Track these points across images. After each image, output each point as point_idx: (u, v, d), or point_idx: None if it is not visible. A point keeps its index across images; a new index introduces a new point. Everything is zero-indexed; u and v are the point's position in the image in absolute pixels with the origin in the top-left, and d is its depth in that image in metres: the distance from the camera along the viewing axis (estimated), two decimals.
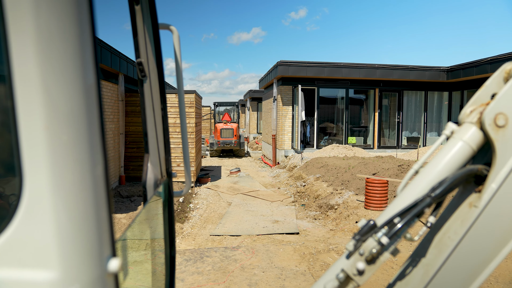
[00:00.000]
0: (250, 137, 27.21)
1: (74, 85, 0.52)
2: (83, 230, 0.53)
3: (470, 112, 0.99)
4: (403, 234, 0.89)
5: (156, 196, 1.33)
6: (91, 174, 0.54)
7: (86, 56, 0.54)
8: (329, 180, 8.56)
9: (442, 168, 0.94)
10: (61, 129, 0.50)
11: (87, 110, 0.54)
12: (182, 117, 1.39)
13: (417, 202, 0.88)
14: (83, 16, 0.53)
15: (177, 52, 1.36)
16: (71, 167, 0.51)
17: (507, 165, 0.91)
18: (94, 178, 0.55)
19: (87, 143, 0.54)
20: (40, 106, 0.48)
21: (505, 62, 0.99)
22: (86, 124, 0.54)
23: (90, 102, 0.54)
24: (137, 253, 1.42)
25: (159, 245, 1.41)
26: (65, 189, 0.51)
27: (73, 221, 0.51)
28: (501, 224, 0.92)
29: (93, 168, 0.55)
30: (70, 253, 0.51)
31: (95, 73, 0.56)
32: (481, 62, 11.68)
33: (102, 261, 0.55)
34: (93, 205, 0.55)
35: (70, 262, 0.51)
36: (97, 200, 0.55)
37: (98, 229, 0.55)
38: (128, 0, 1.24)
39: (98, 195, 0.56)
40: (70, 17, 0.51)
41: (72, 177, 0.51)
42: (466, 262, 0.94)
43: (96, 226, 0.55)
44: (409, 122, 14.52)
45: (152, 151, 1.38)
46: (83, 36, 0.53)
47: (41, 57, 0.48)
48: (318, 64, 12.98)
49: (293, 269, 4.22)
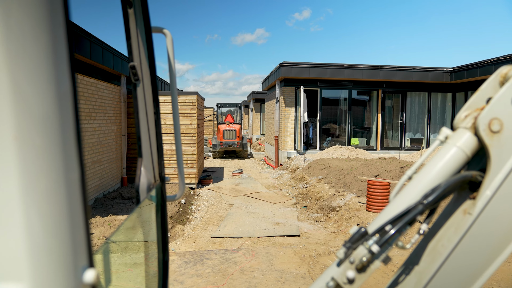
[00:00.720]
0: (253, 138, 27.20)
1: (48, 88, 0.50)
2: (56, 239, 0.51)
3: (465, 117, 0.97)
4: (395, 242, 0.87)
5: (148, 201, 1.32)
6: (65, 180, 0.53)
7: (61, 57, 0.52)
8: (331, 182, 8.52)
9: (435, 174, 0.92)
10: (33, 133, 0.49)
11: (61, 113, 0.52)
12: (175, 120, 1.39)
13: (409, 209, 0.87)
14: (58, 16, 0.51)
15: (170, 55, 1.36)
16: (43, 173, 0.50)
17: (502, 172, 0.88)
18: (69, 185, 0.53)
19: (61, 148, 0.52)
20: (10, 109, 0.47)
21: (510, 64, 0.97)
22: (60, 128, 0.52)
23: (65, 105, 0.53)
24: (130, 258, 1.41)
25: (152, 250, 1.39)
26: (37, 196, 0.49)
27: (45, 230, 0.50)
28: (496, 231, 0.90)
29: (67, 174, 0.53)
30: (41, 264, 0.49)
31: (70, 75, 0.54)
32: (485, 63, 11.59)
33: (77, 272, 0.54)
34: (67, 213, 0.53)
35: (41, 273, 0.49)
36: (72, 208, 0.54)
37: (73, 238, 0.54)
38: (121, 4, 1.23)
39: (73, 202, 0.54)
40: (44, 16, 0.49)
41: (44, 183, 0.50)
42: (459, 271, 0.92)
43: (70, 235, 0.53)
44: (412, 123, 14.45)
45: (146, 155, 1.38)
46: (58, 37, 0.51)
47: (12, 58, 0.46)
48: (321, 65, 12.95)
49: (293, 272, 4.20)
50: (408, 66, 13.39)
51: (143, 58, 1.33)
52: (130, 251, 1.42)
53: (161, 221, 1.36)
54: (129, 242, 1.36)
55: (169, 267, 4.32)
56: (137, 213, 1.31)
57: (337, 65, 13.02)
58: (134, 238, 1.36)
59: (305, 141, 13.44)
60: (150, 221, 1.36)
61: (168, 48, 1.35)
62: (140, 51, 1.31)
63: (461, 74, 13.00)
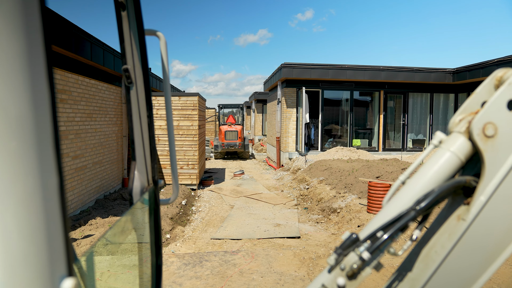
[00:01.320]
0: (255, 139, 27.19)
1: (23, 87, 0.48)
2: (32, 246, 0.50)
3: (459, 121, 0.95)
4: (386, 249, 0.86)
5: (141, 204, 1.31)
6: (42, 185, 0.51)
7: (36, 54, 0.50)
8: (332, 183, 8.49)
9: (428, 179, 0.91)
10: (8, 135, 0.47)
11: (37, 114, 0.50)
12: (169, 123, 1.38)
13: (401, 216, 0.85)
14: (32, 8, 0.50)
15: (164, 58, 1.36)
16: (19, 177, 0.49)
17: (496, 177, 0.87)
18: (46, 189, 0.52)
19: (38, 151, 0.51)
20: None
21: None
22: (36, 130, 0.50)
23: (42, 105, 0.51)
24: (123, 262, 1.40)
25: (145, 254, 1.38)
26: (12, 201, 0.48)
27: (21, 237, 0.48)
28: (490, 238, 0.88)
29: (44, 178, 0.52)
30: (16, 273, 0.48)
31: (47, 73, 0.52)
32: (487, 64, 11.53)
33: (54, 281, 0.53)
34: (44, 219, 0.51)
35: (16, 282, 0.48)
36: (49, 213, 0.52)
37: (50, 246, 0.52)
38: (115, 6, 1.23)
39: (51, 208, 0.52)
40: (16, 9, 0.48)
41: (20, 188, 0.49)
42: (453, 278, 0.90)
43: (48, 242, 0.52)
44: (414, 124, 14.39)
45: (139, 159, 1.37)
46: (33, 32, 0.50)
47: None
48: (323, 66, 12.92)
49: (292, 274, 4.17)
50: (410, 66, 13.35)
51: (136, 61, 1.32)
52: (124, 255, 1.41)
53: (155, 225, 1.35)
54: (122, 246, 1.35)
55: (168, 269, 4.31)
56: (131, 216, 1.31)
57: (338, 66, 12.99)
58: (127, 242, 1.35)
59: (307, 142, 13.41)
60: (143, 225, 1.36)
61: (162, 50, 1.35)
62: (133, 54, 1.30)
63: (463, 75, 12.95)
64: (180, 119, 9.47)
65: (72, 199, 6.36)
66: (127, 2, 1.23)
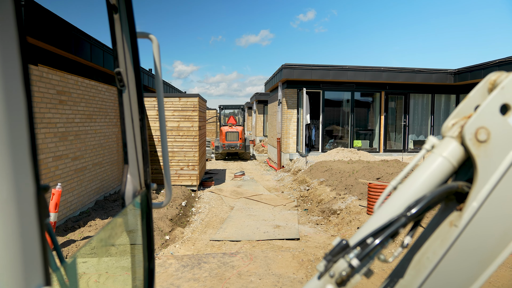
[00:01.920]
0: (257, 140, 27.18)
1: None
2: (6, 255, 0.48)
3: (452, 125, 0.94)
4: (377, 255, 0.84)
5: (133, 208, 1.30)
6: (17, 190, 0.49)
7: (9, 51, 0.49)
8: (332, 185, 8.47)
9: (420, 185, 0.89)
10: None
11: (10, 115, 0.48)
12: (161, 124, 1.37)
13: (392, 222, 0.84)
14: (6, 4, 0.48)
15: (156, 60, 1.35)
16: None
17: (489, 183, 0.85)
18: (21, 195, 0.50)
19: (12, 154, 0.49)
20: None
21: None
22: (10, 132, 0.49)
23: (16, 106, 0.49)
24: (114, 266, 1.39)
25: (137, 258, 1.37)
26: None
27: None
28: (483, 245, 0.87)
29: (19, 183, 0.50)
30: None
31: (22, 71, 0.50)
32: (489, 65, 11.49)
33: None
34: (19, 226, 0.50)
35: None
36: (25, 220, 0.50)
37: (25, 254, 0.51)
38: (107, 9, 1.22)
39: (26, 214, 0.51)
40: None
41: None
42: (445, 285, 0.89)
43: (23, 250, 0.50)
44: (415, 125, 14.35)
45: (131, 162, 1.36)
46: (4, 28, 0.48)
47: None
48: (323, 67, 12.91)
49: (290, 277, 4.16)
50: (411, 67, 13.32)
51: (128, 64, 1.32)
52: (115, 260, 1.40)
53: (147, 229, 1.34)
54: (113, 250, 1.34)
55: (167, 270, 4.29)
56: (122, 220, 1.30)
57: (339, 67, 12.97)
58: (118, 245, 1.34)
59: (308, 143, 13.39)
60: (135, 228, 1.34)
61: (154, 53, 1.34)
62: (125, 57, 1.30)
63: (464, 75, 12.91)
64: (180, 120, 9.47)
65: (71, 200, 6.36)
66: (119, 5, 1.22)
